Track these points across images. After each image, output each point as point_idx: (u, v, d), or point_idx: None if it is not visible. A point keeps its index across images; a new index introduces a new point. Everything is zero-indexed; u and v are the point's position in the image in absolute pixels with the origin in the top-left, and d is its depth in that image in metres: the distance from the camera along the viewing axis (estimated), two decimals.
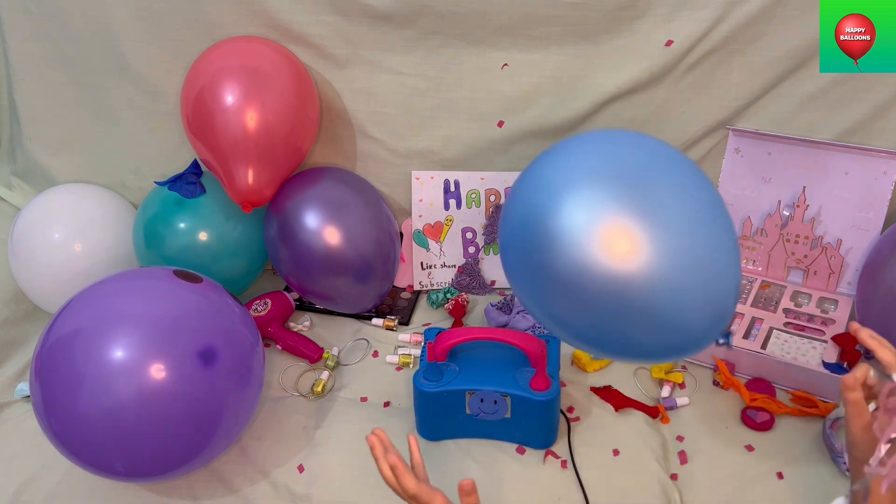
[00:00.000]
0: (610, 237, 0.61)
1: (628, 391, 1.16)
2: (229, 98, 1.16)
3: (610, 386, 1.17)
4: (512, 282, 0.77)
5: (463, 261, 1.44)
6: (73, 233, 1.32)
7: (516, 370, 1.06)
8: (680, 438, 1.09)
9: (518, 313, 1.30)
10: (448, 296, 1.40)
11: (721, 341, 0.67)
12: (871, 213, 1.24)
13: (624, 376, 1.20)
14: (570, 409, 1.13)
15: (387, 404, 1.18)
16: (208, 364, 0.94)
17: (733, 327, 1.24)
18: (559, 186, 0.66)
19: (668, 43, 1.21)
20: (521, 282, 0.71)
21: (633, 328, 0.64)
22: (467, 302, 1.37)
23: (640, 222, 0.62)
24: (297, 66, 1.26)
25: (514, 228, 0.70)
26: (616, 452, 1.06)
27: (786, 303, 1.29)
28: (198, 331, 0.96)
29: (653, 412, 1.12)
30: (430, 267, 1.44)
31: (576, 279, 0.62)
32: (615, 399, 1.14)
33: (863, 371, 0.73)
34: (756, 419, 1.09)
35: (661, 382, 1.19)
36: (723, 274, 0.65)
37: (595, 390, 1.16)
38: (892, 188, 1.21)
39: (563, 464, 1.05)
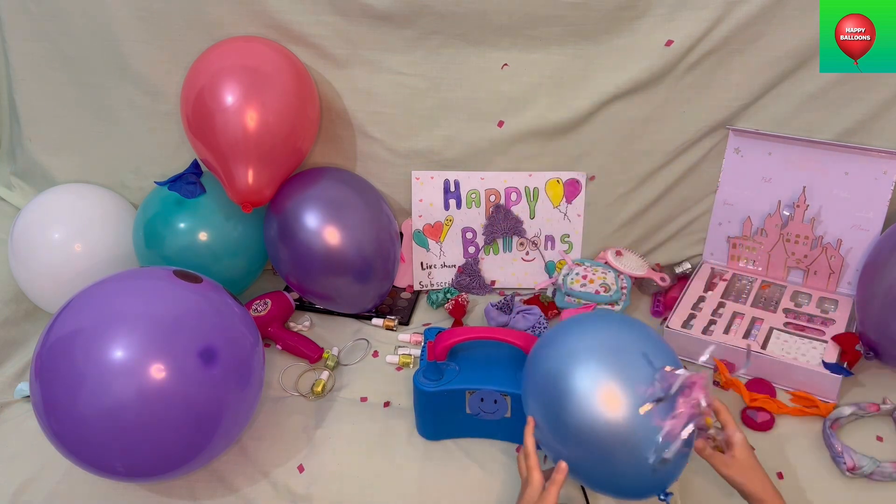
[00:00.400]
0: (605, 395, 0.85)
1: None
2: (229, 98, 1.16)
3: None
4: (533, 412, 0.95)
5: (463, 261, 1.44)
6: (73, 233, 1.32)
7: (516, 370, 1.06)
8: None
9: (518, 313, 1.30)
10: (448, 296, 1.40)
11: (662, 498, 0.85)
12: (871, 213, 1.24)
13: None
14: None
15: (387, 404, 1.18)
16: (208, 364, 0.94)
17: (734, 326, 1.24)
18: (573, 356, 0.89)
19: (668, 43, 1.21)
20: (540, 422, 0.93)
21: (616, 461, 0.85)
22: (467, 302, 1.37)
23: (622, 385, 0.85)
24: (297, 66, 1.26)
25: (538, 381, 0.93)
26: None
27: (786, 303, 1.29)
28: (198, 331, 0.96)
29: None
30: (430, 267, 1.44)
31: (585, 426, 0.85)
32: None
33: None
34: (756, 419, 1.09)
35: None
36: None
37: None
38: (892, 188, 1.21)
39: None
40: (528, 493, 0.88)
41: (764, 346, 1.19)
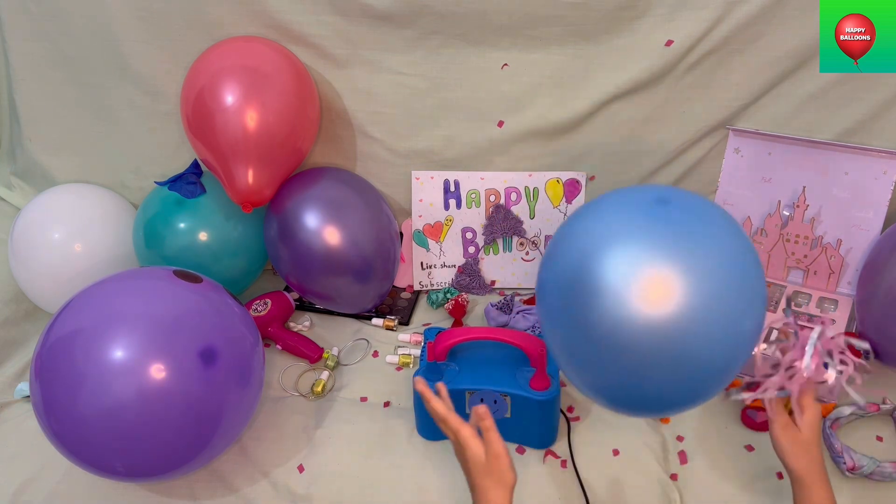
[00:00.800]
0: (649, 286, 0.67)
1: None
2: (229, 98, 1.16)
3: None
4: (546, 325, 0.82)
5: (463, 261, 1.44)
6: (73, 233, 1.32)
7: (516, 370, 1.06)
8: (680, 438, 1.09)
9: (518, 313, 1.30)
10: (448, 296, 1.40)
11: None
12: (871, 213, 1.24)
13: None
14: (570, 409, 1.13)
15: (387, 404, 1.18)
16: (208, 364, 0.94)
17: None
18: (605, 237, 0.71)
19: (668, 43, 1.21)
20: (556, 326, 0.77)
21: (658, 373, 0.70)
22: (467, 302, 1.37)
23: (680, 272, 0.67)
24: (297, 66, 1.26)
25: (558, 273, 0.75)
26: (616, 452, 1.06)
27: (786, 303, 1.29)
28: (198, 331, 0.96)
29: None
30: (430, 267, 1.44)
31: (615, 327, 0.68)
32: None
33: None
34: (756, 419, 1.09)
35: None
36: (746, 318, 0.72)
37: None
38: (892, 188, 1.21)
39: (563, 464, 1.05)
40: (470, 453, 0.81)
41: (764, 347, 1.19)
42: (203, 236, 1.28)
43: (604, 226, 0.72)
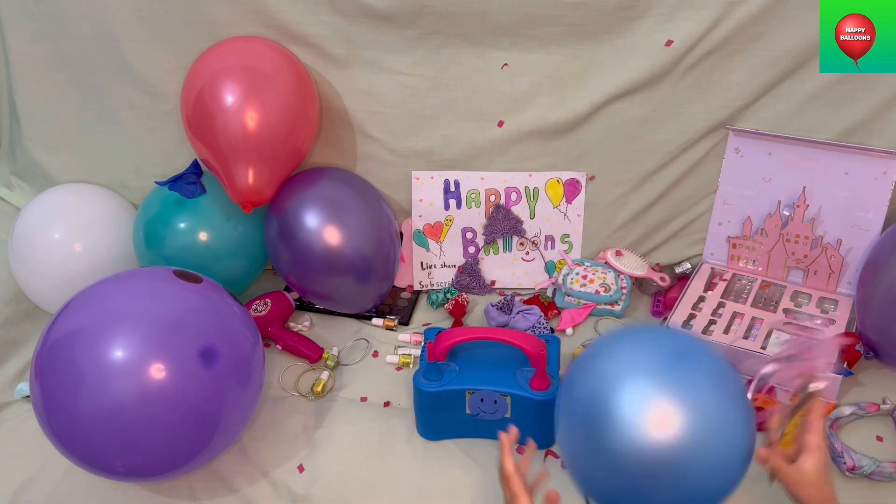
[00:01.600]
0: (655, 417, 0.74)
1: None
2: (229, 98, 1.16)
3: None
4: (563, 451, 0.87)
5: (463, 261, 1.44)
6: (73, 233, 1.32)
7: (516, 370, 1.06)
8: None
9: (518, 313, 1.30)
10: (448, 296, 1.40)
11: None
12: (871, 213, 1.24)
13: None
14: None
15: (387, 404, 1.18)
16: (208, 364, 0.94)
17: (734, 326, 1.24)
18: (617, 376, 0.78)
19: (668, 43, 1.21)
20: (574, 454, 0.82)
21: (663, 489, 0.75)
22: (467, 302, 1.37)
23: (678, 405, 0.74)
24: (298, 66, 1.26)
25: (575, 404, 0.81)
26: None
27: (786, 303, 1.29)
28: (198, 331, 0.96)
29: None
30: (430, 267, 1.44)
31: (627, 451, 0.74)
32: None
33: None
34: (756, 419, 1.09)
35: None
36: (738, 442, 0.77)
37: None
38: (892, 188, 1.21)
39: (564, 464, 1.05)
40: None
41: (764, 347, 1.19)
42: (203, 236, 1.28)
43: (619, 370, 0.79)
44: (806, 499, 0.77)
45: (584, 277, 1.35)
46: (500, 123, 1.33)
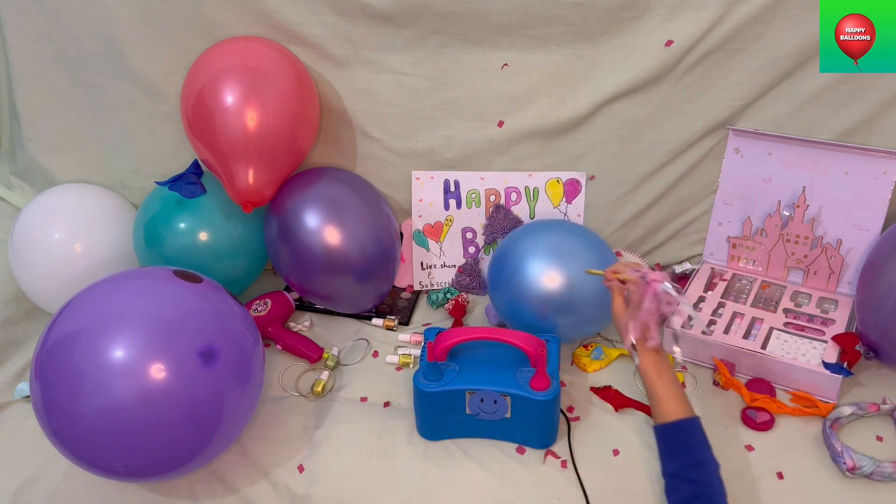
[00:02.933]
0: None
1: (628, 391, 1.16)
2: (230, 98, 1.16)
3: (610, 386, 1.17)
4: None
5: (463, 261, 1.44)
6: (73, 233, 1.32)
7: (516, 370, 1.06)
8: None
9: None
10: (448, 296, 1.40)
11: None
12: (871, 213, 1.24)
13: (624, 376, 1.20)
14: (570, 409, 1.13)
15: (387, 404, 1.18)
16: (208, 364, 0.94)
17: (734, 326, 1.24)
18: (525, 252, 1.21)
19: (668, 43, 1.21)
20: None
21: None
22: (467, 302, 1.37)
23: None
24: (298, 66, 1.26)
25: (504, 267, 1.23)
26: (616, 452, 1.06)
27: (786, 303, 1.29)
28: (198, 331, 0.96)
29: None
30: (430, 267, 1.44)
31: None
32: (615, 399, 1.14)
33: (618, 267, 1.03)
34: (756, 419, 1.09)
35: None
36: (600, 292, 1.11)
37: (595, 390, 1.16)
38: (892, 188, 1.21)
39: (563, 464, 1.05)
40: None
41: (764, 346, 1.19)
42: (203, 236, 1.28)
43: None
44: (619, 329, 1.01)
45: None
46: (500, 123, 1.33)
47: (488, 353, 1.09)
